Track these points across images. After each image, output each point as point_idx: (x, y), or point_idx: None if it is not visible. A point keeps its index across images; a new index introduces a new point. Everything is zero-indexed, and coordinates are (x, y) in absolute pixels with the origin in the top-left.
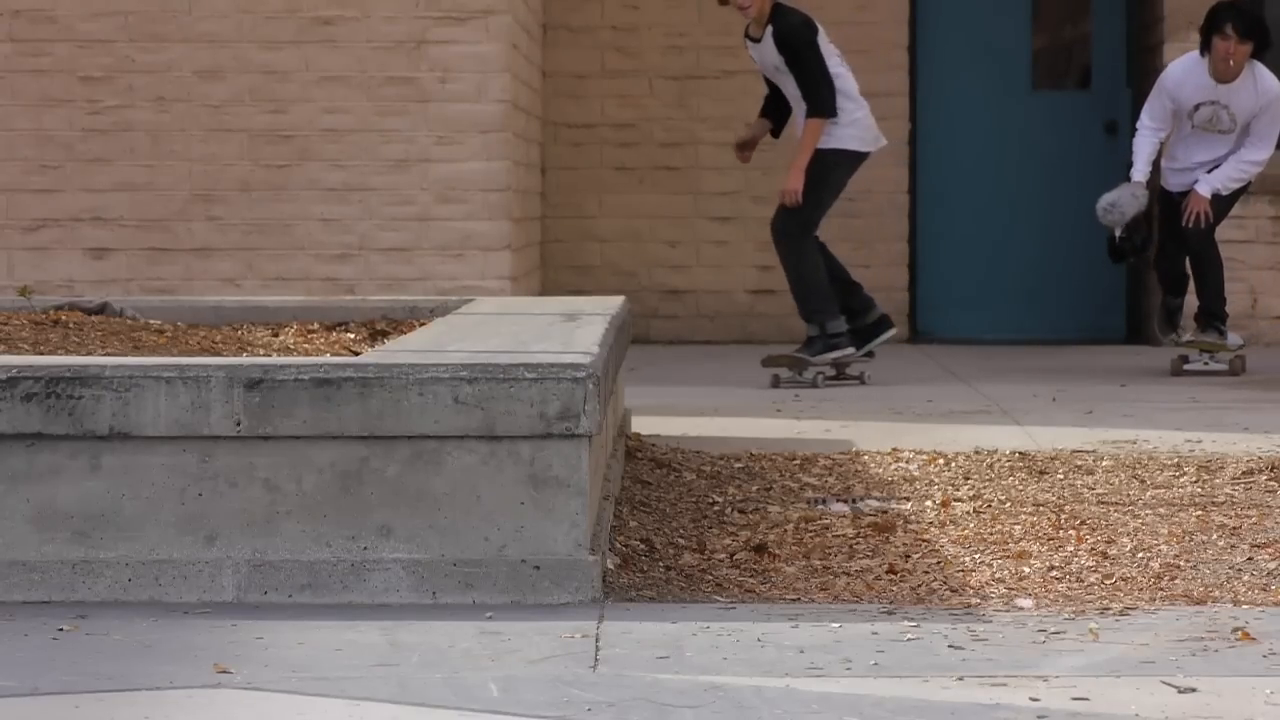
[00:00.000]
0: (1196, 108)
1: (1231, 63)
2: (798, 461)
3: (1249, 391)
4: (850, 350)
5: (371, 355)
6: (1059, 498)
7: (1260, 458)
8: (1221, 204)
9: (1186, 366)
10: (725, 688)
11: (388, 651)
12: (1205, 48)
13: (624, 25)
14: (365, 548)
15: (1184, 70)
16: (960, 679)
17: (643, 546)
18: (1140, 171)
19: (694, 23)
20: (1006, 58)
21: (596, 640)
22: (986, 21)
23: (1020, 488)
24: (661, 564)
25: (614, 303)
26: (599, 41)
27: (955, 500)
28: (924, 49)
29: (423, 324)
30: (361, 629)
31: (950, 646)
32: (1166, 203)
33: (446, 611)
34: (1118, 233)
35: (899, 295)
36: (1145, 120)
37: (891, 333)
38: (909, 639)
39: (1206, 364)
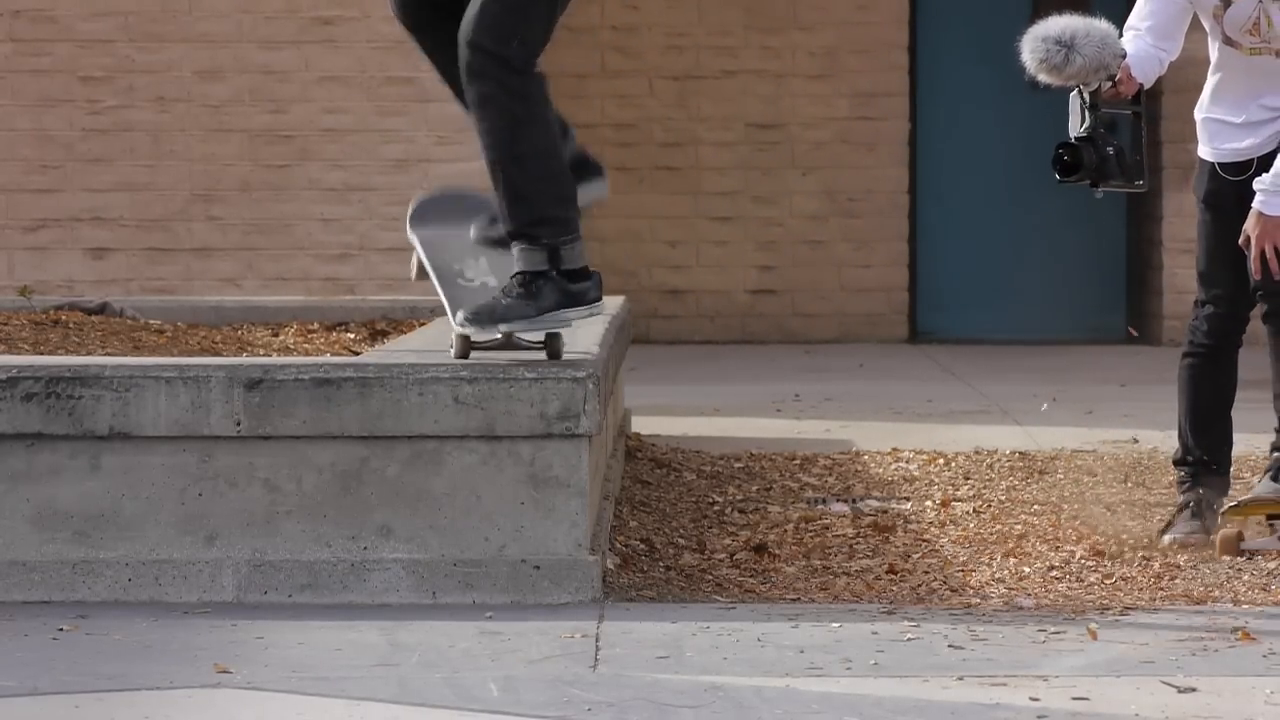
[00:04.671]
0: (1227, 2)
1: None
2: (798, 461)
3: (1249, 392)
4: None
5: (371, 355)
6: (1059, 498)
7: (1261, 458)
8: None
9: (1246, 546)
10: (725, 688)
11: (388, 651)
12: None
13: (624, 25)
14: (365, 548)
15: None
16: (960, 679)
17: (643, 546)
18: (1130, 43)
19: (694, 23)
20: (1006, 57)
21: (596, 640)
22: (986, 21)
23: (1020, 488)
24: (661, 564)
25: (614, 303)
26: (599, 41)
27: (955, 500)
28: (924, 49)
29: (423, 324)
30: (361, 629)
31: (950, 646)
32: (1216, 204)
33: (446, 611)
34: (1082, 121)
35: (899, 295)
36: (1133, 21)
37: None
38: (909, 639)
39: None
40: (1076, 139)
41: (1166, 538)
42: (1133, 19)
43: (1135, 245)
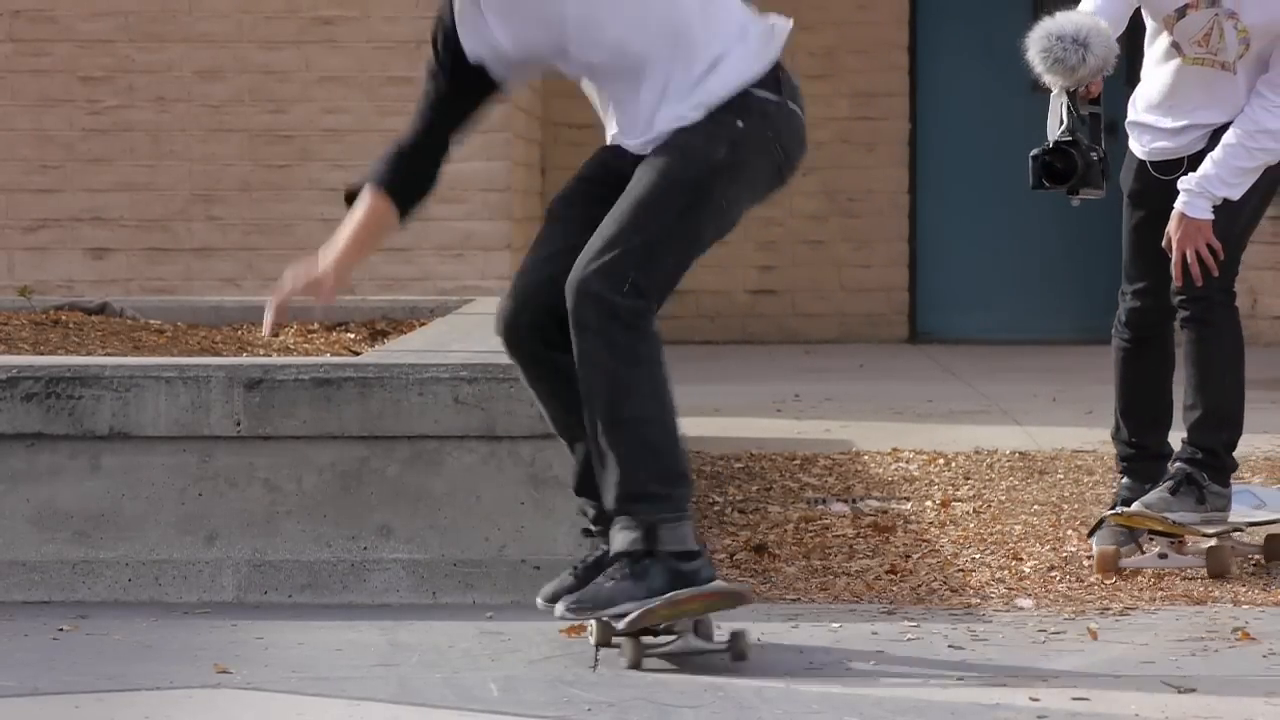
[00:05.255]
0: (1182, 11)
1: None
2: (798, 461)
3: (1250, 392)
4: None
5: (371, 355)
6: (1059, 498)
7: (1261, 458)
8: (1235, 220)
9: (1125, 564)
10: (725, 688)
11: (388, 651)
12: None
13: None
14: (365, 548)
15: None
16: (960, 679)
17: None
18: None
19: None
20: (1006, 58)
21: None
22: (986, 21)
23: (1020, 488)
24: None
25: None
26: None
27: (955, 500)
28: (924, 49)
29: (423, 324)
30: (361, 629)
31: (950, 646)
32: (1141, 202)
33: (446, 611)
34: (1060, 124)
35: (899, 295)
36: (1085, 4)
37: None
38: (909, 639)
39: (1164, 555)
40: (1059, 143)
41: (1093, 542)
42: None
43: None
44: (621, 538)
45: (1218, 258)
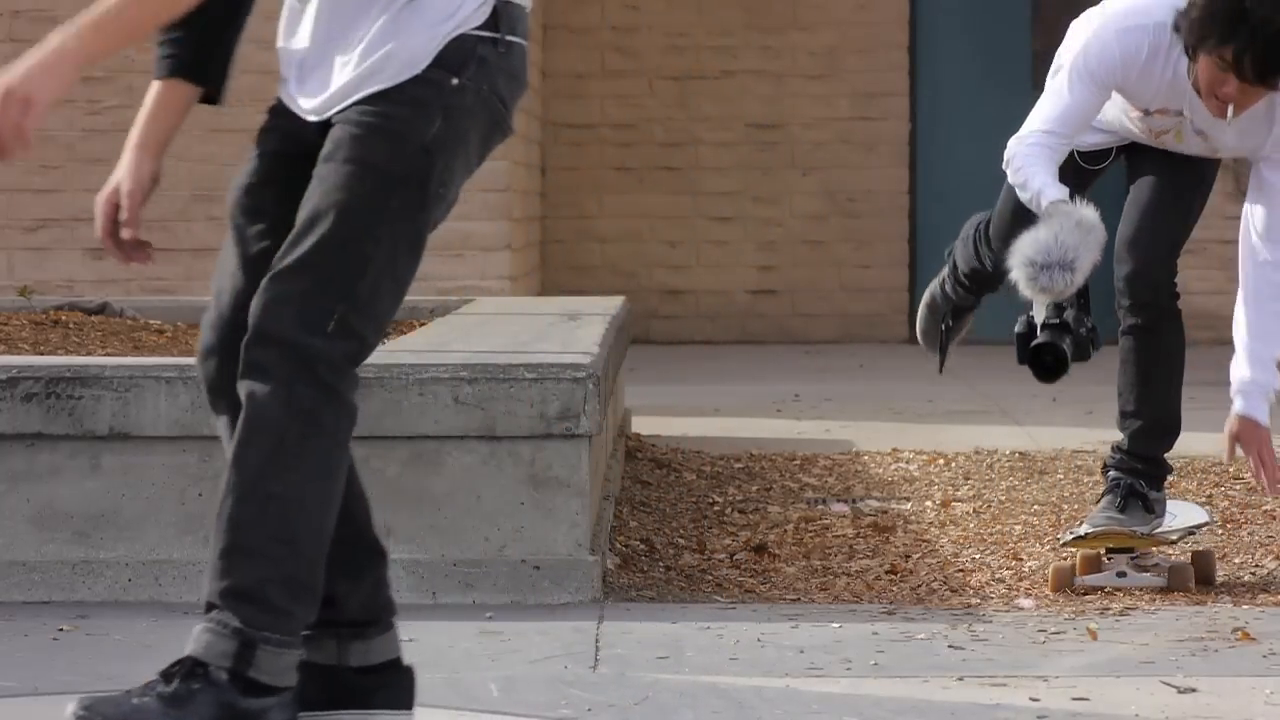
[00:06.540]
0: (1147, 112)
1: (1230, 107)
2: (798, 461)
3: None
4: None
5: (371, 355)
6: (1059, 498)
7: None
8: (1188, 229)
9: (1081, 582)
10: (725, 688)
11: None
12: (1190, 51)
13: (624, 25)
14: None
15: (1147, 49)
16: (960, 679)
17: (643, 546)
18: (1056, 188)
19: (694, 23)
20: (1006, 58)
21: (596, 640)
22: (986, 21)
23: (1020, 488)
24: (661, 564)
25: (614, 303)
26: (599, 41)
27: (955, 500)
28: (924, 49)
29: (423, 324)
30: None
31: (950, 646)
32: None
33: (446, 611)
34: (1044, 312)
35: (899, 295)
36: (1041, 127)
37: None
38: (909, 639)
39: (1123, 573)
40: (1047, 325)
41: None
42: (1040, 122)
43: None
44: (203, 641)
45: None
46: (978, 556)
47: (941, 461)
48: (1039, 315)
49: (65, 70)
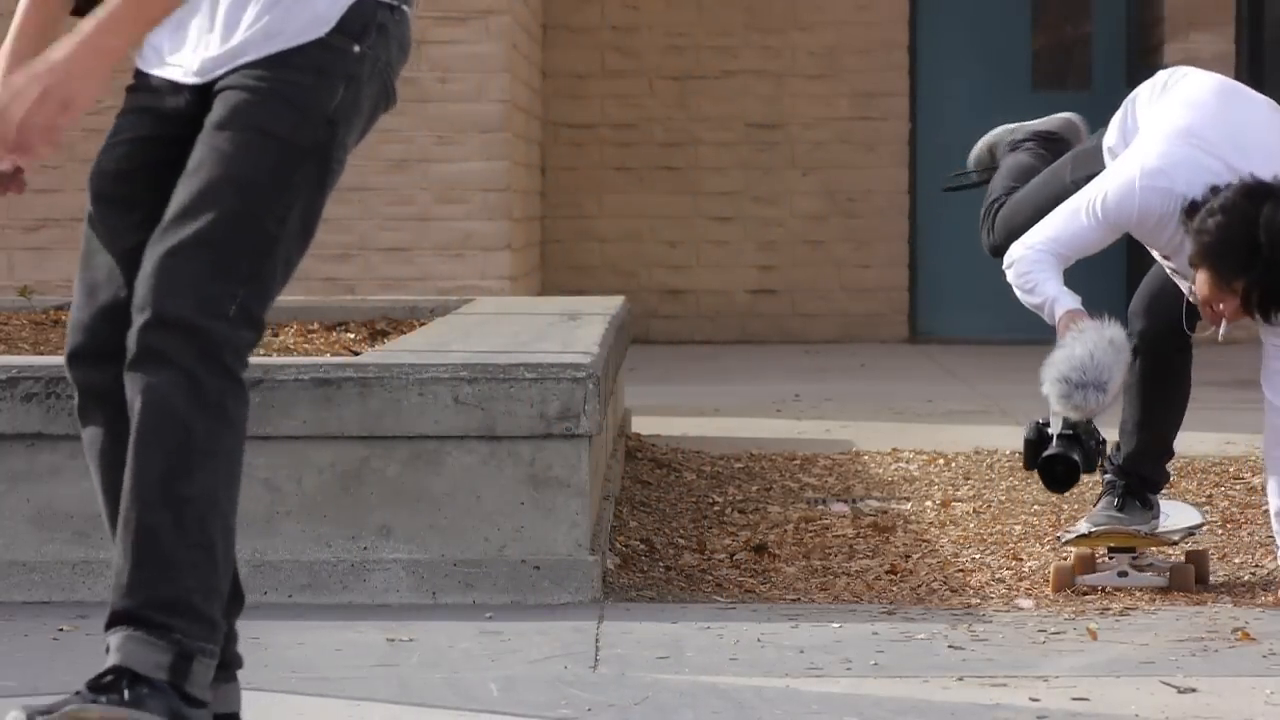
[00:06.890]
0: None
1: (1224, 320)
2: (798, 461)
3: (1251, 393)
4: None
5: (371, 355)
6: (1059, 498)
7: (1261, 459)
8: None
9: (1082, 581)
10: (725, 688)
11: (388, 651)
12: (1194, 263)
13: (624, 25)
14: (365, 548)
15: (1164, 213)
16: (960, 679)
17: (643, 546)
18: (1070, 298)
19: (694, 23)
20: (1006, 58)
21: (596, 640)
22: (986, 21)
23: (1020, 488)
24: (661, 564)
25: (614, 303)
26: (599, 41)
27: (955, 500)
28: (924, 49)
29: (423, 324)
30: (361, 629)
31: (950, 646)
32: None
33: (446, 611)
34: (1057, 425)
35: (899, 295)
36: (1050, 241)
37: None
38: (909, 639)
39: (1124, 573)
40: (1061, 436)
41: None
42: (1050, 237)
43: (1135, 245)
44: (139, 652)
45: None
46: (978, 556)
47: (941, 461)
48: (1055, 426)
49: (104, 71)
